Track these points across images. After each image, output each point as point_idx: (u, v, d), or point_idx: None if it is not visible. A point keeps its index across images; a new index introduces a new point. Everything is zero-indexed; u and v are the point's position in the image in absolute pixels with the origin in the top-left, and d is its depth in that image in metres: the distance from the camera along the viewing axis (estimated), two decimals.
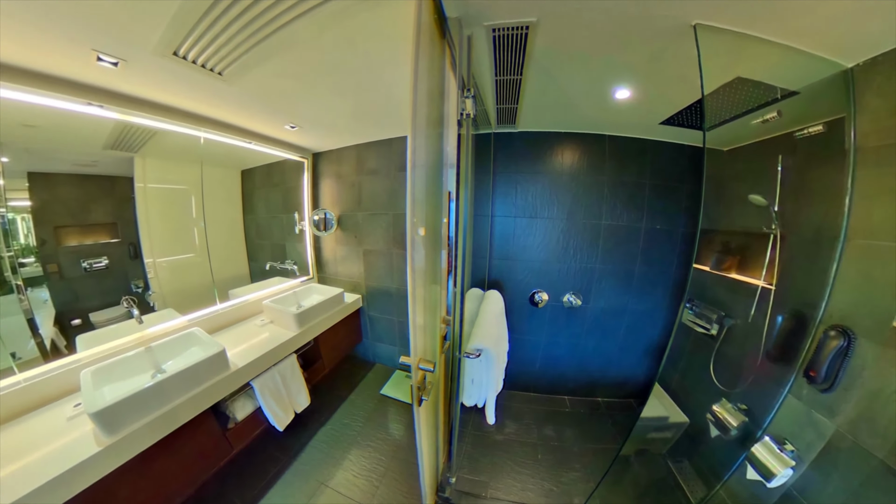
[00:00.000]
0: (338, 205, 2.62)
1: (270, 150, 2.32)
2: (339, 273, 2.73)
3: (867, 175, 1.09)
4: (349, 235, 2.61)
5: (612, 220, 2.09)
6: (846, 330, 1.09)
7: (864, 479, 1.00)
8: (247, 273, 2.27)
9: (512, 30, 1.13)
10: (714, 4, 0.95)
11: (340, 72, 1.42)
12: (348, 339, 2.64)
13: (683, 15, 1.01)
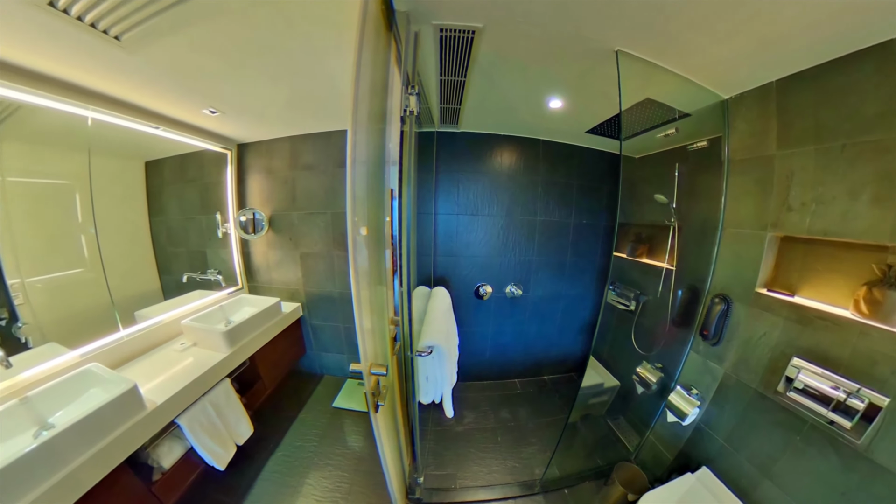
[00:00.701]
0: (269, 203, 2.34)
1: (184, 138, 1.94)
2: (273, 281, 2.46)
3: (735, 181, 1.43)
4: (283, 238, 2.35)
5: (546, 216, 2.34)
6: (726, 297, 1.44)
7: (746, 404, 1.34)
8: (158, 288, 1.87)
9: (459, 32, 1.17)
10: (633, 36, 1.13)
11: (275, 54, 1.27)
12: (290, 353, 2.41)
13: (608, 41, 1.17)
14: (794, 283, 1.28)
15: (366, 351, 0.93)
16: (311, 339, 2.57)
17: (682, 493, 1.33)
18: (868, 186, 1.02)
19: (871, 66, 0.98)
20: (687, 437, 1.60)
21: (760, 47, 1.10)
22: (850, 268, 1.12)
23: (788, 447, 1.18)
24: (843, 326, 1.07)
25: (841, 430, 1.03)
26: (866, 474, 0.98)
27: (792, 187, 1.22)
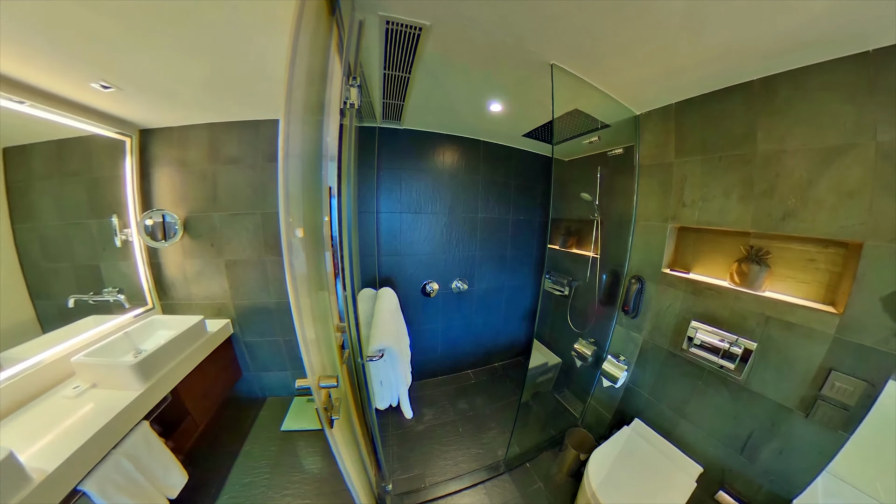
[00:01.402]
0: (183, 203, 1.93)
1: (64, 118, 1.45)
2: (193, 296, 2.05)
3: (644, 182, 1.74)
4: (203, 244, 1.97)
5: (487, 213, 2.47)
6: (640, 277, 1.75)
7: (661, 363, 1.67)
8: (32, 318, 1.38)
9: (406, 28, 1.16)
10: (566, 53, 1.27)
11: (192, 23, 1.06)
12: (223, 379, 2.05)
13: (545, 54, 1.29)
14: (689, 262, 1.63)
15: (312, 364, 0.88)
16: (246, 359, 2.24)
17: (622, 444, 1.60)
18: (736, 188, 1.35)
19: (739, 98, 1.30)
20: (620, 397, 1.91)
21: (665, 75, 1.35)
22: (726, 249, 1.48)
23: (694, 391, 1.52)
24: (723, 293, 1.41)
25: (728, 372, 1.36)
26: (747, 400, 1.33)
27: (685, 188, 1.54)
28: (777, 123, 1.21)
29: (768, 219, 1.27)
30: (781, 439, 1.23)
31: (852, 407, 1.06)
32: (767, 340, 1.27)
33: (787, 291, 1.29)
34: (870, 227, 1.02)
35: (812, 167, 1.14)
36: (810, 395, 1.15)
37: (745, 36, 1.04)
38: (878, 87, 0.98)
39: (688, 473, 1.44)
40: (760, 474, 1.29)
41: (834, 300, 1.16)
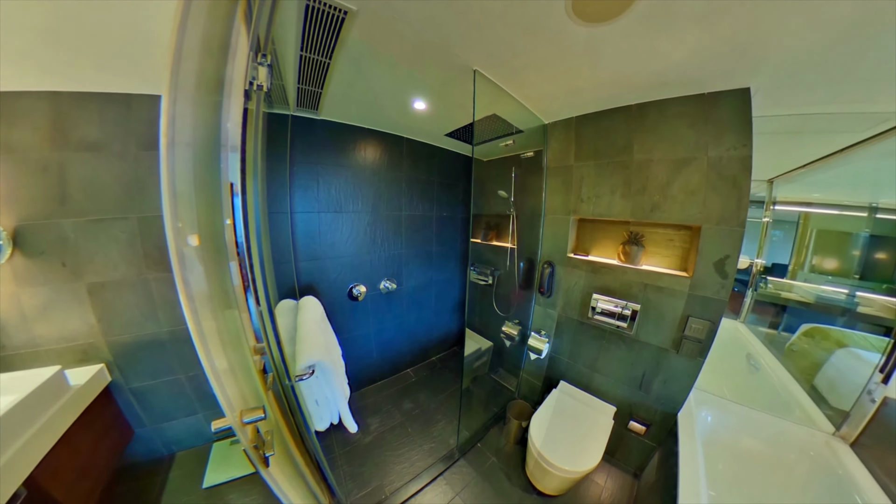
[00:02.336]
0: (11, 206, 1.29)
1: None
2: (40, 339, 1.41)
3: (551, 182, 2.02)
4: (48, 264, 1.37)
5: (411, 210, 2.46)
6: (551, 262, 2.05)
7: (574, 331, 2.01)
8: None
9: (330, 8, 1.08)
10: (488, 61, 1.37)
11: None
12: (105, 447, 1.48)
13: (469, 60, 1.37)
14: (588, 247, 2.00)
15: (229, 398, 0.78)
16: (137, 412, 1.67)
17: (553, 405, 1.89)
18: (619, 187, 1.73)
19: (621, 118, 1.64)
20: (546, 366, 2.22)
21: (568, 93, 1.60)
22: (613, 235, 1.88)
23: (601, 349, 1.90)
24: (614, 270, 1.79)
25: (622, 329, 1.75)
26: (638, 349, 1.74)
27: (582, 187, 1.87)
28: (647, 139, 1.59)
29: (642, 211, 1.66)
30: (664, 372, 1.67)
31: (703, 340, 1.52)
32: (647, 302, 1.69)
33: (656, 264, 1.73)
34: (704, 215, 1.46)
35: (669, 172, 1.55)
36: (678, 337, 1.60)
37: (628, 71, 1.32)
38: (709, 119, 1.40)
39: (606, 415, 1.82)
40: (655, 401, 1.74)
41: (686, 267, 1.62)
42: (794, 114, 1.42)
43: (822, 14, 0.87)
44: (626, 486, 1.81)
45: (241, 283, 0.94)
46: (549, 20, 1.04)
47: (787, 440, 1.50)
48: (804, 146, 1.82)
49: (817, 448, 1.41)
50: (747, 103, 1.31)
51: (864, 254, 2.07)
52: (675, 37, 1.06)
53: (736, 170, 1.38)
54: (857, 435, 1.35)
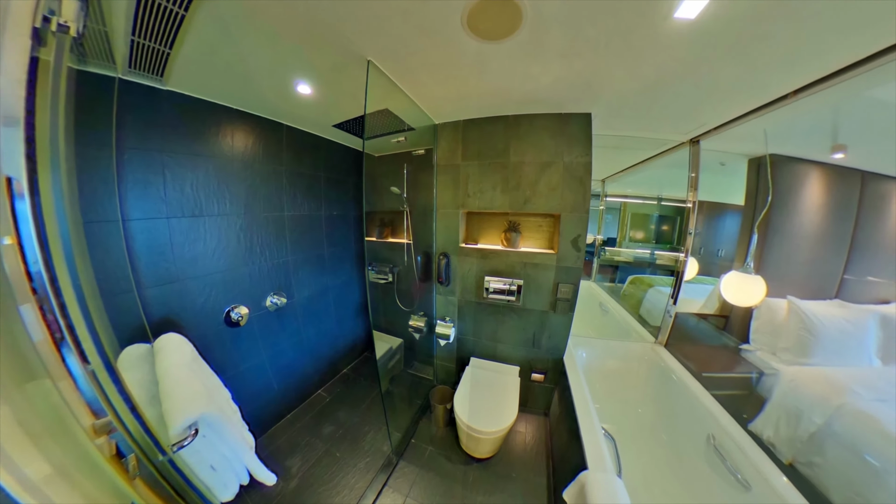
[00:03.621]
0: None
1: None
2: None
3: (441, 178, 2.18)
4: None
5: (295, 210, 2.07)
6: (446, 254, 2.23)
7: (474, 311, 2.26)
8: None
9: None
10: (384, 53, 1.33)
11: None
12: None
13: (364, 49, 1.30)
14: (476, 236, 2.27)
15: None
16: None
17: (469, 381, 2.08)
18: (499, 184, 2.06)
19: (501, 125, 1.96)
20: (455, 348, 2.39)
21: (458, 98, 1.77)
22: (496, 224, 2.22)
23: (498, 322, 2.23)
24: (500, 254, 2.13)
25: (512, 302, 2.12)
26: (526, 316, 2.15)
27: (468, 184, 2.12)
28: (520, 145, 1.97)
29: (517, 203, 2.04)
30: (548, 329, 2.14)
31: (570, 299, 2.03)
32: (527, 277, 2.10)
33: (531, 246, 2.17)
34: (562, 205, 1.95)
35: (537, 173, 1.98)
36: (553, 300, 2.07)
37: (508, 86, 1.60)
38: (564, 133, 1.88)
39: (513, 375, 2.16)
40: (546, 353, 2.19)
41: (552, 246, 2.10)
42: (617, 135, 2.10)
43: (636, 71, 1.34)
44: (540, 425, 2.23)
45: (47, 335, 0.66)
46: (446, 27, 1.11)
47: (632, 354, 2.26)
48: (623, 157, 2.70)
49: (648, 354, 2.22)
50: (589, 124, 1.85)
51: (656, 227, 3.34)
52: (545, 65, 1.35)
53: (582, 172, 1.92)
54: (666, 339, 2.21)
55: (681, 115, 1.80)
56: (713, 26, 1.02)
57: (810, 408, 1.79)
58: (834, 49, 1.08)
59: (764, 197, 2.01)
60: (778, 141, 2.08)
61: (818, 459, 1.71)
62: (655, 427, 2.04)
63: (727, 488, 1.43)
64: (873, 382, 1.83)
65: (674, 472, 1.77)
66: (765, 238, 2.22)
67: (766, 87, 1.38)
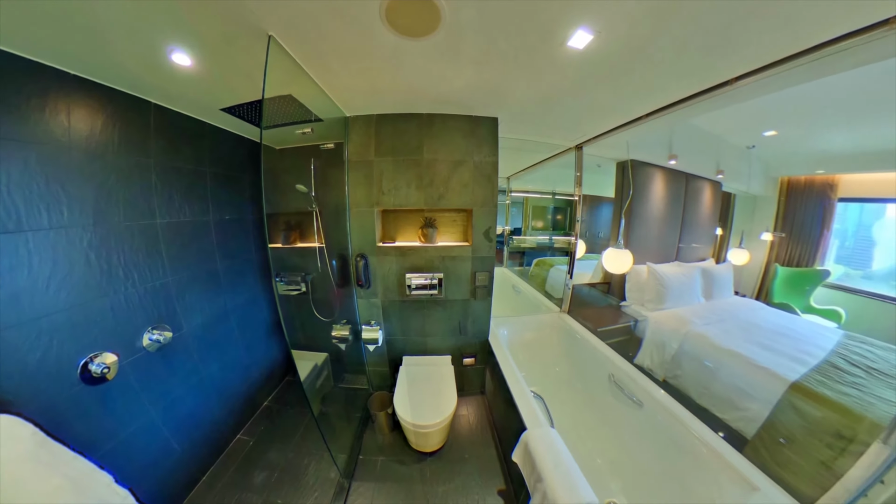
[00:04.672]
0: None
1: None
2: None
3: (353, 175, 2.09)
4: None
5: (172, 216, 1.64)
6: (363, 254, 2.16)
7: (399, 309, 2.26)
8: None
9: None
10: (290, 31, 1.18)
11: None
12: None
13: (265, 22, 1.12)
14: (394, 234, 2.26)
15: None
16: None
17: (406, 380, 2.09)
18: (413, 181, 2.10)
19: (415, 123, 1.99)
20: (386, 350, 2.34)
21: (372, 92, 1.74)
22: (413, 221, 2.25)
23: (424, 317, 2.28)
24: (418, 250, 2.18)
25: (435, 296, 2.20)
26: (450, 306, 2.26)
27: (382, 181, 2.10)
28: (433, 143, 2.04)
29: (432, 200, 2.12)
30: (471, 316, 2.30)
31: (487, 285, 2.22)
32: (447, 269, 2.21)
33: (448, 240, 2.27)
34: (474, 200, 2.11)
35: (449, 170, 2.08)
36: (472, 288, 2.23)
37: (423, 85, 1.65)
38: (474, 134, 2.02)
39: (446, 365, 2.26)
40: (472, 337, 2.36)
41: (467, 239, 2.25)
42: (519, 138, 2.35)
43: (536, 85, 1.56)
44: (480, 404, 2.48)
45: None
46: (364, 15, 1.06)
47: (543, 324, 2.66)
48: (524, 158, 3.04)
49: (556, 321, 2.66)
50: (496, 127, 2.03)
51: (552, 217, 3.98)
52: (458, 69, 1.45)
53: (490, 170, 2.10)
54: (568, 307, 2.67)
55: (569, 126, 2.18)
56: (594, 58, 1.28)
57: (669, 338, 2.69)
58: (672, 88, 1.51)
59: (627, 191, 2.72)
60: (636, 150, 2.84)
61: (679, 372, 2.58)
62: (571, 379, 2.49)
63: (628, 410, 1.90)
64: (702, 313, 2.91)
65: (591, 410, 2.21)
66: (629, 222, 2.98)
67: (629, 109, 1.81)
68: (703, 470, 1.42)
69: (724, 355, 2.32)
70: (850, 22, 0.97)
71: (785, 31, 1.07)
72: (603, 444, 1.97)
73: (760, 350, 2.30)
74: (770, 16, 0.99)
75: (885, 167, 2.68)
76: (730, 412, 2.15)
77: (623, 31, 1.12)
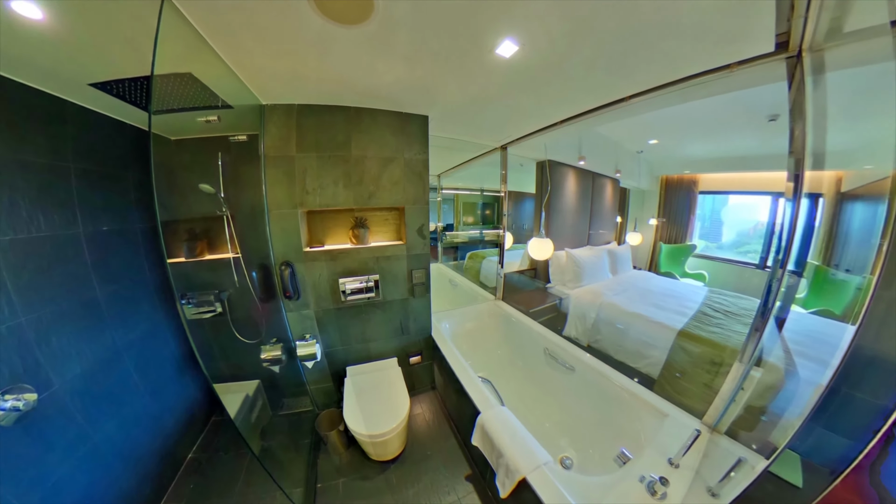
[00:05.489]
0: None
1: None
2: None
3: (271, 172, 1.89)
4: None
5: (19, 230, 1.20)
6: (289, 262, 1.99)
7: (335, 319, 2.13)
8: None
9: None
10: None
11: None
12: None
13: None
14: (322, 237, 2.13)
15: None
16: None
17: (353, 392, 2.00)
18: (341, 179, 2.00)
19: (342, 116, 1.89)
20: (327, 364, 2.19)
21: (293, 77, 1.58)
22: (342, 222, 2.15)
23: (363, 322, 2.21)
24: (350, 253, 2.10)
25: (373, 298, 2.14)
26: (389, 307, 2.24)
27: (306, 179, 1.95)
28: (362, 138, 1.97)
29: (362, 198, 2.06)
30: (412, 314, 2.31)
31: (425, 282, 2.26)
32: (382, 270, 2.17)
33: (381, 240, 2.23)
34: (405, 198, 2.12)
35: (379, 168, 2.04)
36: (410, 286, 2.24)
37: (352, 77, 1.59)
38: (405, 131, 2.02)
39: (393, 367, 2.25)
40: (415, 335, 2.38)
41: (401, 237, 2.24)
42: (449, 137, 2.43)
43: (466, 87, 1.66)
44: (433, 399, 2.54)
45: None
46: None
47: (482, 313, 2.87)
48: (454, 156, 3.15)
49: (492, 308, 2.92)
50: (427, 125, 2.06)
51: (482, 212, 4.24)
52: (390, 64, 1.44)
53: (421, 168, 2.12)
54: (502, 294, 2.94)
55: (495, 127, 2.37)
56: (519, 67, 1.44)
57: (588, 309, 3.29)
58: (581, 100, 1.82)
59: (546, 187, 3.11)
60: (552, 151, 3.34)
61: (599, 336, 3.18)
62: (512, 359, 2.75)
63: (563, 376, 2.25)
64: (611, 286, 3.65)
65: (533, 383, 2.48)
66: (549, 214, 3.46)
67: (547, 115, 2.08)
68: (628, 410, 1.79)
69: (630, 318, 2.95)
70: (706, 63, 1.35)
71: (664, 64, 1.40)
72: (548, 410, 2.24)
73: (655, 309, 3.03)
74: (655, 51, 1.29)
75: (728, 170, 3.79)
76: (639, 361, 2.78)
77: (543, 47, 1.30)
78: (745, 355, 1.38)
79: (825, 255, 3.19)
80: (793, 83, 1.17)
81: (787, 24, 1.06)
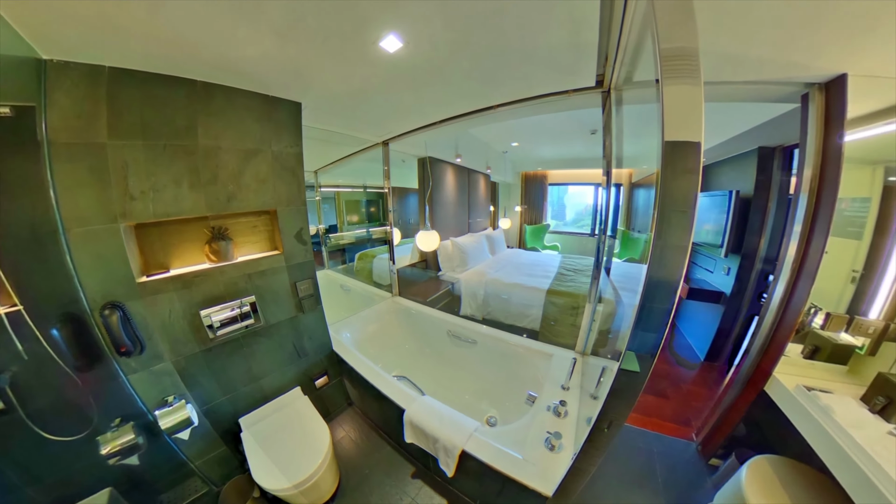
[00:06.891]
0: None
1: None
2: None
3: (64, 169, 1.30)
4: None
5: None
6: (115, 303, 1.43)
7: (205, 363, 1.68)
8: None
9: None
10: None
11: None
12: None
13: None
14: (165, 260, 1.63)
15: None
16: None
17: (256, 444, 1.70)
18: (185, 177, 1.58)
19: (183, 91, 1.48)
20: (210, 426, 1.70)
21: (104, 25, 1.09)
22: (193, 235, 1.70)
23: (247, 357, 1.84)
24: (210, 274, 1.70)
25: (252, 325, 1.81)
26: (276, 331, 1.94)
27: (129, 177, 1.44)
28: (214, 124, 1.60)
29: (218, 202, 1.68)
30: (306, 332, 2.11)
31: (313, 293, 2.12)
32: (258, 289, 1.85)
33: (250, 252, 1.89)
34: (276, 199, 1.86)
35: (240, 162, 1.71)
36: (297, 301, 2.01)
37: (197, 41, 1.26)
38: (272, 118, 1.76)
39: (298, 397, 2.09)
40: (315, 354, 2.22)
41: (276, 246, 1.95)
42: (326, 129, 2.24)
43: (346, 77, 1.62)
44: (353, 416, 2.44)
45: None
46: None
47: (382, 312, 2.94)
48: (332, 151, 2.94)
49: (391, 306, 3.04)
50: (299, 114, 1.85)
51: (366, 210, 4.17)
52: (256, 34, 1.23)
53: (293, 163, 1.89)
54: (398, 290, 3.09)
55: (376, 122, 2.39)
56: (402, 65, 1.52)
57: (477, 288, 3.90)
58: (458, 104, 2.11)
59: (428, 182, 3.30)
60: (432, 148, 3.68)
61: (489, 308, 3.84)
62: (421, 349, 2.94)
63: (468, 351, 2.61)
64: (492, 265, 4.51)
65: (445, 365, 2.74)
66: (432, 208, 3.79)
67: (427, 114, 2.29)
68: (524, 362, 2.28)
69: (511, 288, 3.72)
70: (553, 87, 1.78)
71: (524, 83, 1.78)
72: (464, 383, 2.55)
73: (528, 277, 3.94)
74: (518, 71, 1.63)
75: (567, 167, 5.48)
76: (524, 320, 3.58)
77: (427, 49, 1.39)
78: (592, 297, 2.07)
79: (626, 222, 5.02)
80: (605, 109, 1.78)
81: (603, 68, 1.56)
